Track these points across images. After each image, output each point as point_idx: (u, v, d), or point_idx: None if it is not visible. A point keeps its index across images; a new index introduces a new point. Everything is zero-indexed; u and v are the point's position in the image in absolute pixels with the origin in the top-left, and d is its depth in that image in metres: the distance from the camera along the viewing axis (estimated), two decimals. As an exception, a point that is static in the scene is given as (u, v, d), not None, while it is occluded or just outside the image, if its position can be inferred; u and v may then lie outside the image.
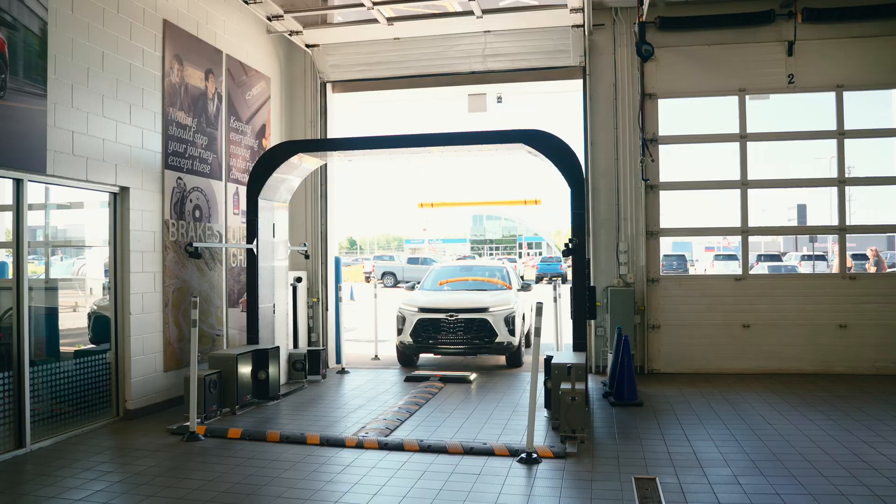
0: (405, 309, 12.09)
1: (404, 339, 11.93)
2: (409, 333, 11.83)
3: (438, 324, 11.73)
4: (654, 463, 6.54)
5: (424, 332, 11.78)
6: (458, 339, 11.64)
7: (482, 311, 11.71)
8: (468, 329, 11.63)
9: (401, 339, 12.00)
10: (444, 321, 11.70)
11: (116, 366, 8.32)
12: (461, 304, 12.00)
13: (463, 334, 11.63)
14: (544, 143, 9.18)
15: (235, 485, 6.00)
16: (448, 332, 11.67)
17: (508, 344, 11.68)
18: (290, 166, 10.13)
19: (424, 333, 11.78)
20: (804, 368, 11.08)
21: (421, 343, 11.83)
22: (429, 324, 11.78)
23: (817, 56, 11.15)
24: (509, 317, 11.72)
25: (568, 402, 7.25)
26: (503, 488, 5.89)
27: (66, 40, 7.41)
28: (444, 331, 11.69)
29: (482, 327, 11.61)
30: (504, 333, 11.61)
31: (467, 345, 11.67)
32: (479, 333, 11.61)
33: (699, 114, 11.83)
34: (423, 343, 11.83)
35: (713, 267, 32.73)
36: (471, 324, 11.63)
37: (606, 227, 11.53)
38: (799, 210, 31.80)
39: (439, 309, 11.87)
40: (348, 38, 12.11)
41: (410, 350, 12.02)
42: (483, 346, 11.65)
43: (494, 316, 11.65)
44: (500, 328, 11.58)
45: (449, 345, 11.71)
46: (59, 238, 8.45)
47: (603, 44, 11.61)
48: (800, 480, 5.97)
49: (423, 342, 11.82)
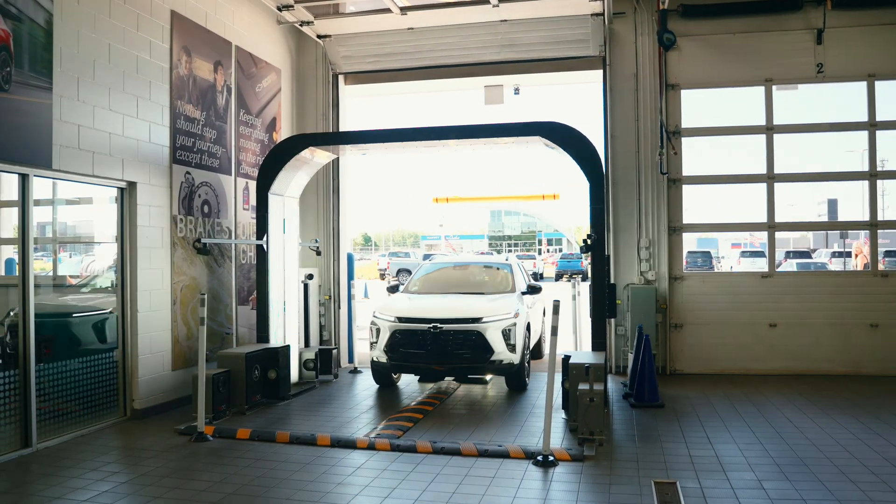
0: (379, 318, 10.01)
1: (377, 356, 9.86)
2: (384, 348, 9.73)
3: (419, 337, 9.52)
4: (675, 466, 6.49)
5: (402, 348, 9.61)
6: (444, 356, 9.47)
7: (474, 322, 9.52)
8: (456, 344, 9.46)
9: (374, 356, 9.97)
10: (427, 334, 9.48)
11: (124, 364, 8.39)
12: (449, 312, 9.80)
13: (450, 350, 9.46)
14: (562, 135, 9.14)
15: (243, 486, 6.03)
16: (431, 348, 9.46)
17: (507, 363, 9.57)
18: (301, 160, 10.16)
19: (402, 349, 9.61)
20: (833, 369, 10.96)
21: (397, 361, 9.69)
22: (407, 337, 9.60)
23: (848, 44, 11.00)
24: (509, 328, 9.61)
25: (586, 403, 7.21)
26: (518, 492, 5.88)
27: (72, 32, 7.46)
28: (427, 346, 9.48)
29: (474, 342, 9.45)
30: (502, 349, 9.50)
31: (455, 364, 9.52)
32: (471, 350, 9.44)
33: (723, 105, 11.73)
34: (399, 361, 9.69)
35: (739, 264, 32.53)
36: (460, 337, 9.47)
37: (627, 223, 11.46)
38: (829, 205, 31.47)
39: (421, 318, 9.68)
40: (361, 29, 12.11)
41: (385, 369, 10.04)
42: (475, 366, 9.57)
43: (490, 327, 9.50)
44: (496, 343, 9.47)
45: (432, 363, 9.52)
46: (67, 234, 8.54)
47: (624, 33, 11.53)
48: (827, 486, 5.90)
49: (399, 360, 9.67)
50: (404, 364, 9.73)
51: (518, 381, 9.93)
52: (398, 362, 9.72)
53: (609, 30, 11.43)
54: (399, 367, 9.88)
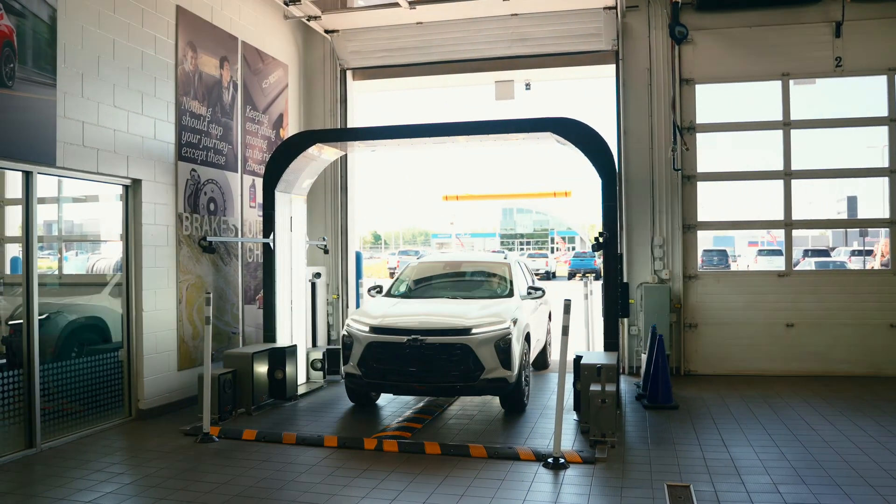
0: (353, 327, 8.75)
1: (350, 371, 8.63)
2: (357, 363, 8.50)
3: (397, 351, 8.30)
4: (689, 470, 6.46)
5: (377, 363, 8.40)
6: (426, 373, 8.27)
7: (461, 333, 8.26)
8: (441, 359, 8.22)
9: (346, 370, 8.75)
10: (405, 347, 8.24)
11: (129, 364, 8.43)
12: (432, 321, 8.62)
13: (433, 367, 8.25)
14: (573, 131, 9.10)
15: (249, 488, 6.05)
16: (411, 364, 8.26)
17: (501, 380, 8.25)
18: (308, 157, 10.16)
19: (377, 364, 8.40)
20: (852, 371, 10.88)
21: (372, 377, 8.45)
22: (383, 350, 8.37)
23: (867, 37, 10.89)
24: (503, 340, 8.27)
25: (598, 404, 7.19)
26: (528, 495, 5.87)
27: (76, 28, 7.49)
28: (406, 361, 8.27)
29: (461, 356, 8.18)
30: (494, 364, 8.20)
31: (439, 382, 8.31)
32: (457, 366, 8.19)
33: (739, 100, 11.66)
34: (374, 377, 8.45)
35: (756, 263, 32.38)
36: (444, 352, 8.21)
37: (640, 221, 11.41)
38: (849, 202, 31.30)
39: (399, 329, 8.44)
40: (369, 23, 12.11)
41: (358, 386, 8.79)
42: (463, 385, 8.26)
43: (480, 340, 8.20)
44: (487, 357, 8.18)
45: (412, 382, 8.35)
46: (73, 233, 8.59)
47: (637, 26, 11.47)
48: (844, 490, 5.86)
49: (374, 376, 8.44)
50: (380, 382, 8.53)
51: (514, 401, 8.73)
52: (372, 380, 8.50)
53: (622, 24, 11.38)
54: (373, 385, 8.64)
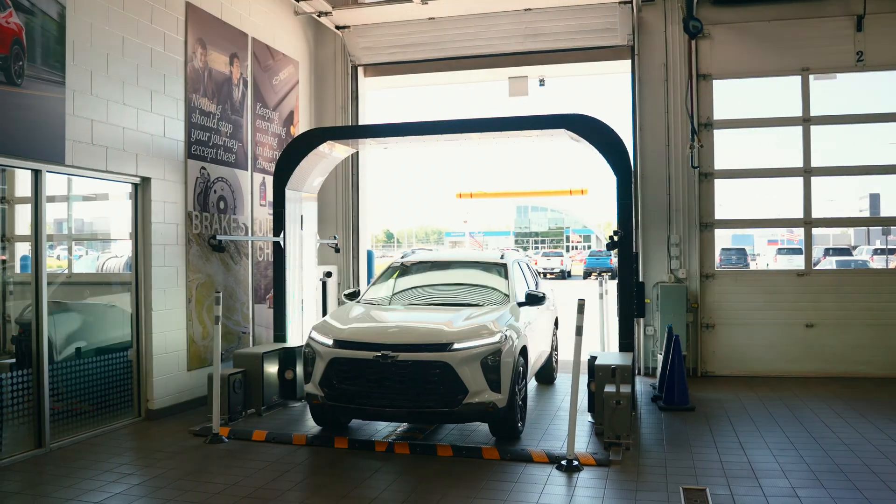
0: (315, 339, 7.62)
1: (311, 391, 7.49)
2: (318, 382, 7.38)
3: (364, 369, 7.17)
4: (705, 473, 6.43)
5: (341, 382, 7.27)
6: (399, 396, 7.09)
7: (440, 349, 7.08)
8: (416, 380, 7.06)
9: (307, 390, 7.61)
10: (375, 365, 7.11)
11: (138, 364, 8.48)
12: (406, 334, 7.45)
13: (407, 389, 7.07)
14: (588, 128, 9.06)
15: (258, 489, 6.07)
16: (381, 385, 7.13)
17: (488, 405, 7.04)
18: (319, 155, 10.18)
19: (341, 384, 7.26)
20: (873, 372, 10.78)
21: (335, 400, 7.29)
22: (348, 368, 7.25)
23: (890, 31, 10.77)
24: (492, 357, 7.10)
25: (612, 405, 7.16)
26: (541, 497, 5.86)
27: (85, 25, 7.54)
28: (375, 381, 7.14)
29: (440, 377, 7.01)
30: (480, 386, 7.03)
31: (414, 407, 7.11)
32: (436, 387, 7.03)
33: (758, 96, 11.58)
34: (338, 400, 7.28)
35: (776, 262, 32.17)
36: (420, 370, 7.05)
37: (656, 219, 11.35)
38: (871, 200, 30.98)
39: (367, 343, 7.25)
40: (380, 19, 12.12)
41: (321, 409, 7.56)
42: (441, 411, 7.07)
43: (462, 357, 7.03)
44: (470, 378, 7.00)
45: (383, 406, 7.15)
46: (83, 231, 8.64)
47: (653, 21, 11.41)
48: (865, 494, 5.81)
49: (338, 398, 7.27)
50: (344, 406, 7.31)
51: (506, 428, 7.48)
52: (336, 402, 7.30)
53: (638, 18, 11.33)
54: (337, 408, 7.41)
